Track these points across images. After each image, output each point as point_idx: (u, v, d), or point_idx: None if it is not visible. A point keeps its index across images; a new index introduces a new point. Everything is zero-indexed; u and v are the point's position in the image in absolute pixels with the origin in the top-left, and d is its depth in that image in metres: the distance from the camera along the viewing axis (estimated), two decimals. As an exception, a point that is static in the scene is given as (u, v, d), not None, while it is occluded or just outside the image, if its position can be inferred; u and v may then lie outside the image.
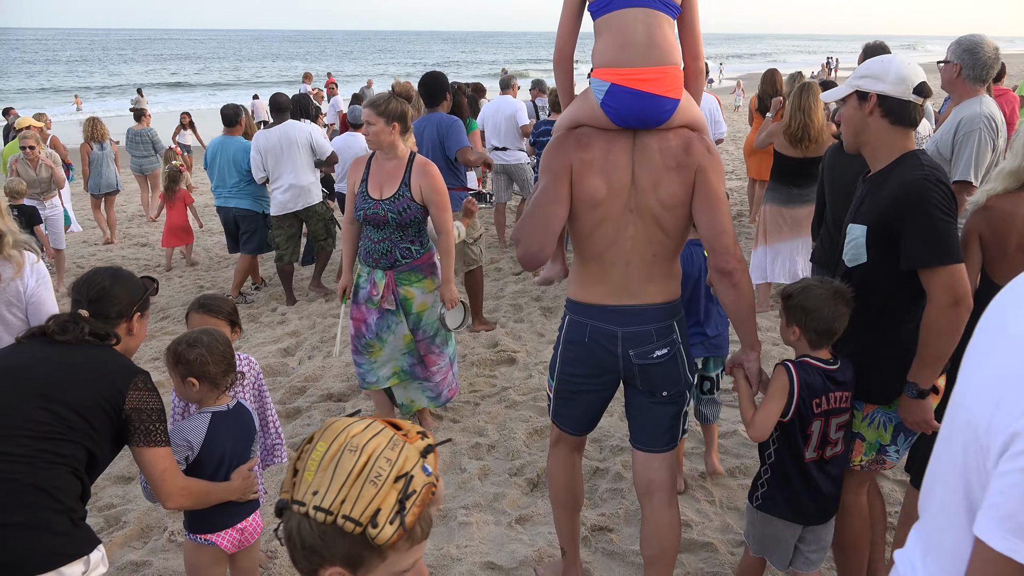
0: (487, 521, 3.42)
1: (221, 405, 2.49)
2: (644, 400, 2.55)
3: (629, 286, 2.44)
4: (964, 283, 2.19)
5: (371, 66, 70.82)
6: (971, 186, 3.79)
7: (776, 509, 2.51)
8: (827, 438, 2.42)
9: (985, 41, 3.77)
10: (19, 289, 2.66)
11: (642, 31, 2.26)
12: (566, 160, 2.38)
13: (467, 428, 4.34)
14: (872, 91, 2.35)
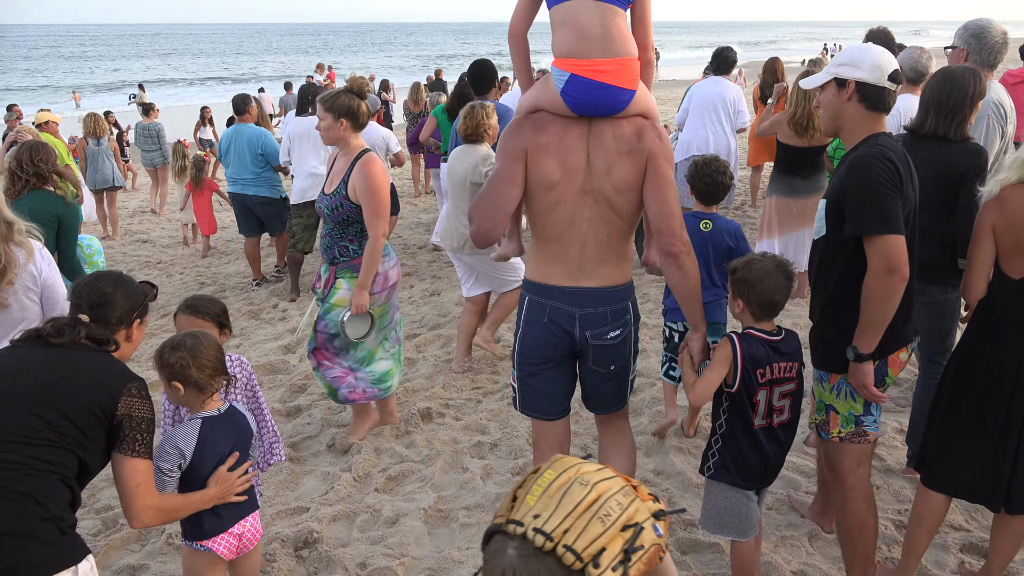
0: (489, 521, 3.36)
1: (211, 410, 2.43)
2: (594, 377, 2.70)
3: (585, 267, 2.55)
4: (899, 253, 2.29)
5: (371, 59, 70.63)
6: None
7: (728, 476, 2.59)
8: (772, 406, 2.53)
9: (992, 25, 3.68)
10: (34, 272, 2.85)
11: (598, 24, 2.37)
12: (522, 143, 2.49)
13: (469, 426, 4.29)
14: (851, 78, 2.47)
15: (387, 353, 4.13)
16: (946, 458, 2.69)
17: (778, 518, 3.34)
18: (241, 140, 7.05)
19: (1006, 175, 2.40)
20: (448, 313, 6.25)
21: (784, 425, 2.60)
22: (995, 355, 2.54)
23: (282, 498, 3.70)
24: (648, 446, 3.93)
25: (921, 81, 4.68)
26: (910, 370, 4.71)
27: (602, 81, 2.36)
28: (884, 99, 2.47)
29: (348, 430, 4.20)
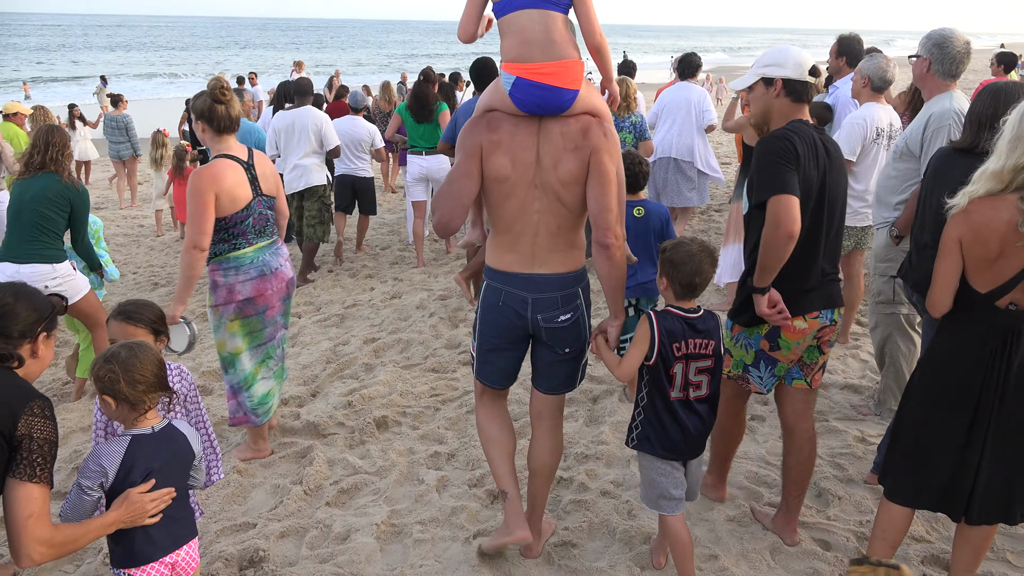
0: (444, 537, 3.26)
1: (145, 427, 2.28)
2: (548, 355, 2.88)
3: (537, 255, 2.74)
4: (784, 211, 2.62)
5: (339, 55, 69.98)
6: None
7: (649, 447, 2.77)
8: (688, 380, 2.71)
9: (955, 35, 3.66)
10: None
11: (540, 30, 2.55)
12: (477, 140, 2.68)
13: (426, 436, 4.17)
14: (777, 76, 2.83)
15: (269, 372, 3.96)
16: (910, 471, 2.64)
17: (740, 530, 3.28)
18: None
19: (974, 187, 2.35)
20: (409, 317, 6.13)
21: (702, 400, 2.76)
22: (960, 369, 2.50)
23: (228, 513, 3.55)
24: (608, 456, 3.85)
25: (886, 89, 4.67)
26: (871, 377, 4.70)
27: (545, 83, 2.54)
28: (806, 92, 2.84)
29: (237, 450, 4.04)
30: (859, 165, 4.69)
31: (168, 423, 2.35)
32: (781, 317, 2.79)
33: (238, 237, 3.70)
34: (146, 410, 2.28)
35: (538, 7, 2.56)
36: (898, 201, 3.85)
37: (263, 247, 3.79)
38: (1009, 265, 2.33)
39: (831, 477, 3.62)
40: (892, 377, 4.08)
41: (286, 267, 3.90)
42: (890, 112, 4.72)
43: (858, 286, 5.16)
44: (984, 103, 2.94)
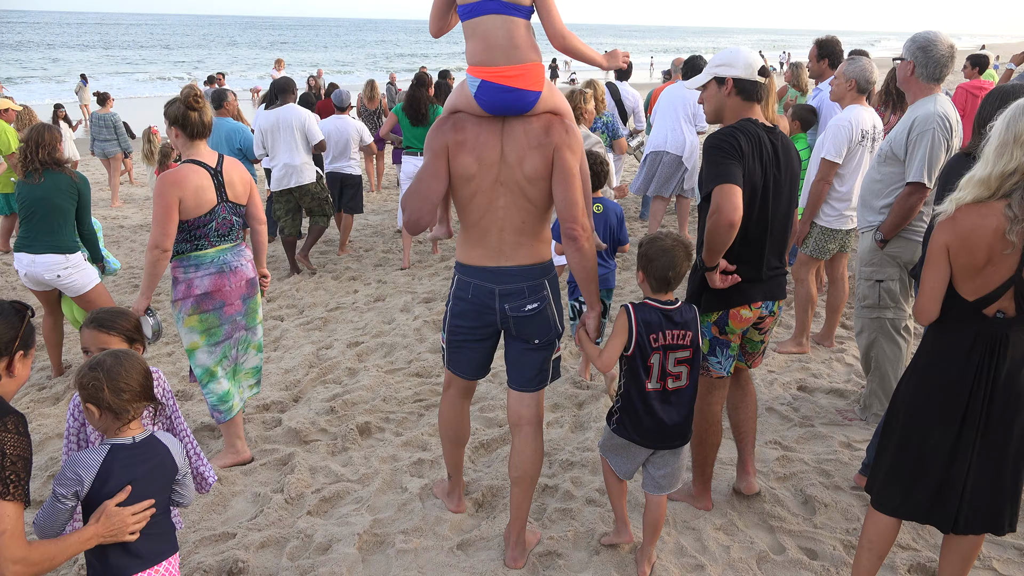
0: (427, 547, 3.20)
1: (125, 437, 2.22)
2: (519, 347, 2.96)
3: (503, 249, 2.85)
4: (725, 199, 2.79)
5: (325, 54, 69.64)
6: (924, 188, 3.68)
7: (626, 433, 2.91)
8: (666, 371, 2.80)
9: (939, 39, 3.65)
10: None
11: (503, 36, 2.64)
12: (443, 140, 2.78)
13: (410, 442, 4.11)
14: (728, 76, 3.02)
15: (225, 372, 3.94)
16: (898, 481, 2.62)
17: (727, 539, 3.25)
18: (219, 134, 7.21)
19: (961, 194, 2.32)
20: (393, 320, 6.07)
21: (681, 390, 2.86)
22: (947, 378, 2.47)
23: (208, 522, 3.48)
24: (594, 463, 3.82)
25: (868, 91, 4.67)
26: (856, 381, 4.69)
27: (509, 85, 2.66)
28: (756, 91, 3.02)
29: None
30: (844, 167, 4.69)
31: (150, 434, 2.28)
32: (732, 280, 2.99)
33: (200, 239, 3.79)
34: (130, 419, 2.22)
35: (501, 13, 2.64)
36: (883, 205, 3.84)
37: (225, 248, 3.87)
38: (997, 273, 2.31)
39: (817, 484, 3.60)
40: (877, 382, 4.07)
41: (247, 267, 3.94)
42: (873, 114, 4.72)
43: (842, 289, 5.15)
44: (992, 106, 2.93)
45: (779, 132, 3.15)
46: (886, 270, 3.87)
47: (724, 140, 2.90)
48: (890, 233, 3.78)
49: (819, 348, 5.23)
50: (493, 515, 3.41)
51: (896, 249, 3.83)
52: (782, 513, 3.41)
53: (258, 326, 4.09)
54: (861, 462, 3.71)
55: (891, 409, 2.68)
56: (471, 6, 2.66)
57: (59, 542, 2.07)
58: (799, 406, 4.41)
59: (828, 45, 5.85)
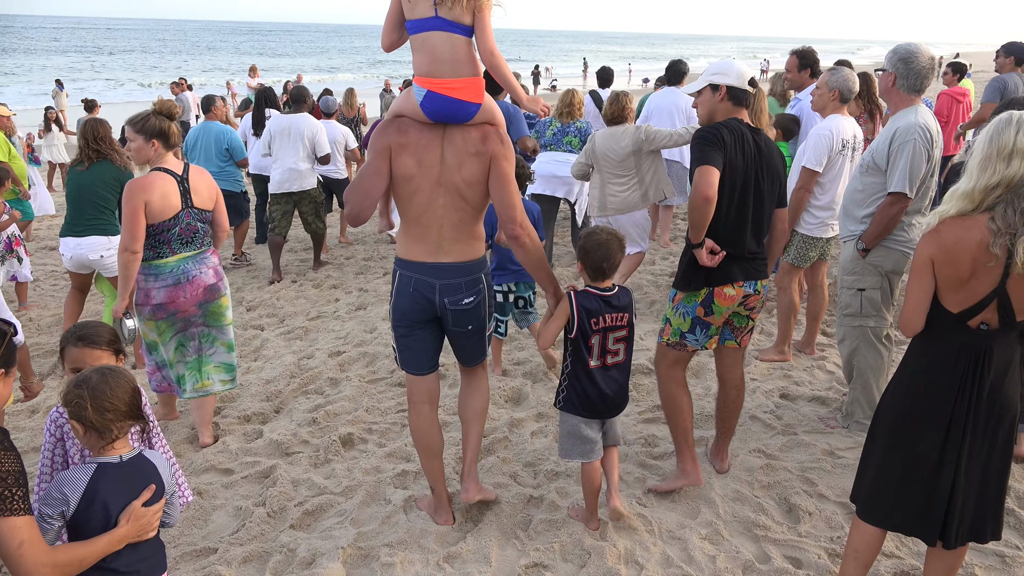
0: (412, 560, 3.17)
1: (112, 456, 2.18)
2: (456, 333, 3.25)
3: (442, 246, 3.07)
4: (702, 177, 3.15)
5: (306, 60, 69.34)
6: (906, 198, 3.72)
7: (573, 408, 3.19)
8: (606, 349, 3.14)
9: (920, 50, 3.69)
10: None
11: (448, 51, 2.87)
12: (387, 141, 2.99)
13: (393, 453, 4.08)
14: (722, 84, 3.39)
15: (184, 359, 4.25)
16: (883, 491, 2.63)
17: (712, 549, 3.25)
18: (208, 136, 7.58)
19: (945, 207, 2.34)
20: (375, 328, 6.03)
21: (619, 365, 3.20)
22: (932, 390, 2.49)
23: (188, 537, 3.43)
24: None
25: (849, 100, 4.71)
26: (838, 389, 4.72)
27: (453, 96, 2.88)
28: (746, 98, 3.42)
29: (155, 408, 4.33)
30: (825, 176, 4.72)
31: (139, 453, 2.24)
32: (719, 258, 3.31)
33: (163, 245, 4.01)
34: (115, 439, 2.18)
35: (445, 30, 2.86)
36: (864, 214, 3.88)
37: (187, 256, 4.09)
38: (981, 285, 2.33)
39: (801, 492, 3.61)
40: (860, 389, 4.10)
41: (206, 275, 4.15)
42: (854, 124, 4.76)
43: (822, 296, 5.19)
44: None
45: (763, 133, 3.46)
46: (868, 279, 3.90)
47: (709, 132, 3.27)
48: (872, 242, 3.81)
49: (800, 356, 5.26)
50: (479, 527, 3.39)
51: (878, 258, 3.86)
52: (767, 522, 3.42)
53: (226, 327, 4.29)
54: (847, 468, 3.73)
55: (876, 419, 2.69)
56: (419, 22, 2.88)
57: (88, 544, 2.06)
58: (782, 414, 4.43)
59: (809, 55, 5.89)
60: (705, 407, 4.47)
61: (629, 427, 4.28)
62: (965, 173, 2.33)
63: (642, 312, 6.20)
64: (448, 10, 2.84)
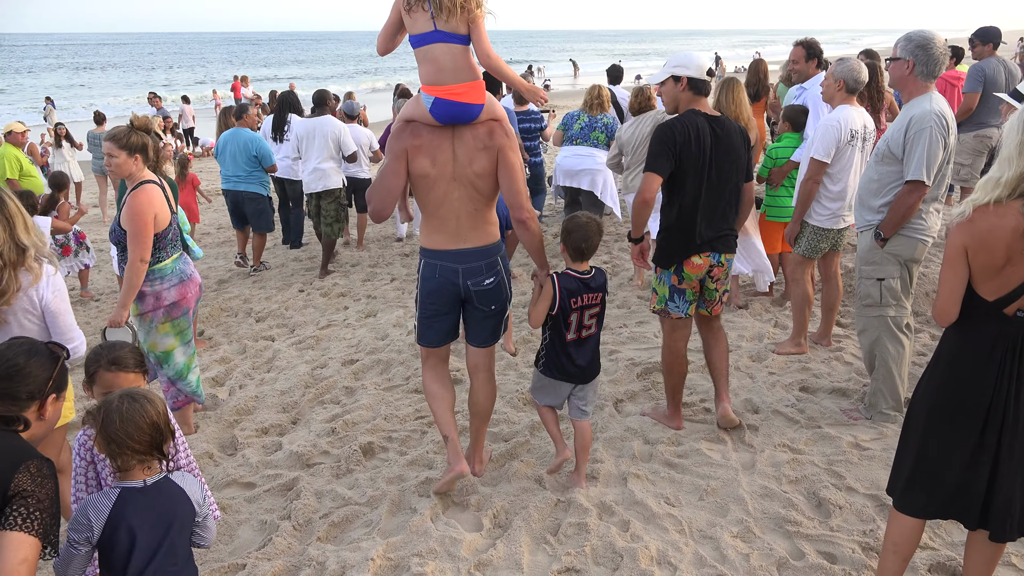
0: (444, 570, 3.14)
1: (136, 481, 2.15)
2: (478, 314, 3.53)
3: (461, 234, 3.37)
4: (645, 184, 3.69)
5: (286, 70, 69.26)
6: (923, 185, 3.69)
7: (551, 373, 3.58)
8: (582, 324, 3.49)
9: (936, 37, 3.67)
10: (34, 298, 2.94)
11: (450, 60, 3.16)
12: (403, 145, 3.28)
13: (415, 461, 4.05)
14: (683, 75, 3.76)
15: (195, 361, 4.53)
16: (920, 482, 2.60)
17: (745, 547, 3.22)
18: (237, 142, 7.85)
19: (977, 196, 2.32)
20: (387, 336, 5.99)
21: (592, 336, 3.56)
22: (967, 377, 2.46)
23: (215, 553, 3.40)
24: (605, 475, 3.78)
25: (858, 91, 4.68)
26: (858, 379, 4.70)
27: (458, 100, 3.17)
28: (705, 87, 3.78)
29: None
30: (834, 167, 4.67)
31: (164, 477, 2.21)
32: (643, 262, 4.10)
33: (161, 251, 4.22)
34: (131, 468, 2.15)
35: (446, 42, 3.14)
36: (881, 204, 3.85)
37: (176, 258, 4.33)
38: (1016, 272, 2.30)
39: (830, 486, 3.58)
40: (882, 379, 4.07)
41: (195, 272, 4.49)
42: (864, 114, 4.72)
43: (836, 287, 5.16)
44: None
45: (723, 119, 3.81)
46: (887, 268, 3.88)
47: (664, 133, 3.69)
48: (890, 231, 3.78)
49: (817, 348, 5.23)
50: (508, 532, 3.36)
51: (896, 247, 3.83)
52: (797, 517, 3.39)
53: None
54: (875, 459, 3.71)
55: (911, 410, 2.66)
56: (421, 36, 3.16)
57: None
58: (804, 407, 4.40)
59: (814, 46, 5.93)
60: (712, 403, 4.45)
61: (653, 425, 4.25)
62: (997, 161, 2.30)
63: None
64: (445, 23, 3.12)
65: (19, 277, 2.84)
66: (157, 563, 2.12)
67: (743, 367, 4.98)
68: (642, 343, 5.48)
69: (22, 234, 2.82)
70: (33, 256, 2.88)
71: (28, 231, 2.85)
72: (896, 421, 4.14)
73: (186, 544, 2.24)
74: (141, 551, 2.10)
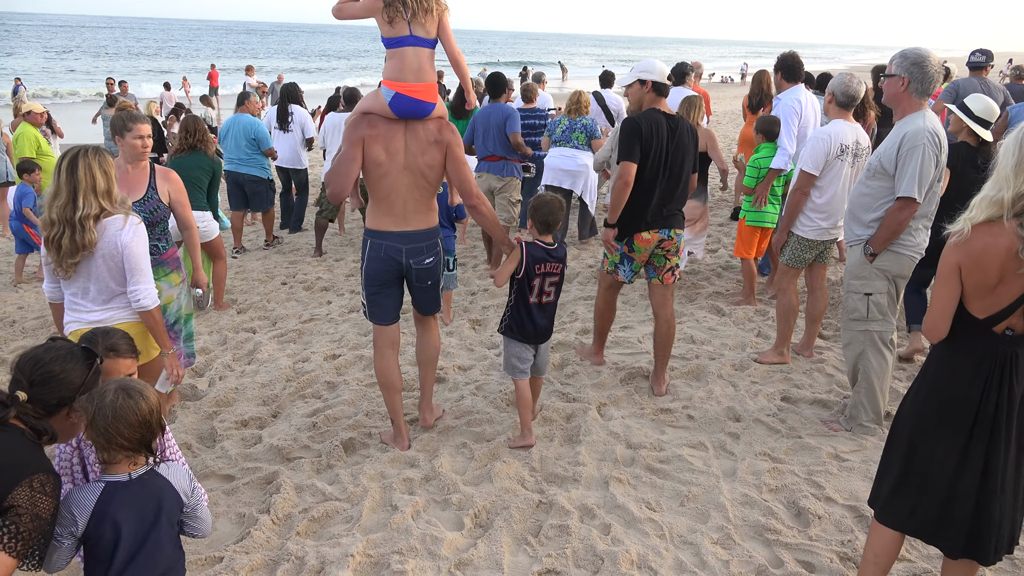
0: (424, 568, 3.13)
1: (120, 474, 2.12)
2: (417, 288, 3.98)
3: (407, 217, 3.77)
4: (624, 170, 4.37)
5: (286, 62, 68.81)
6: (914, 202, 3.73)
7: (513, 333, 4.02)
8: (543, 290, 3.96)
9: (931, 55, 3.71)
10: (116, 243, 3.25)
11: (415, 61, 3.58)
12: (360, 134, 3.65)
13: (397, 459, 4.02)
14: (648, 79, 4.46)
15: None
16: (903, 495, 2.63)
17: (724, 554, 3.24)
18: (239, 127, 8.31)
19: (973, 214, 2.34)
20: (369, 332, 5.94)
21: (550, 304, 4.03)
22: (955, 393, 2.49)
23: (192, 545, 3.35)
24: (587, 478, 3.78)
25: (852, 106, 4.72)
26: (838, 391, 4.74)
27: (416, 97, 3.58)
28: (665, 89, 4.50)
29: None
30: (822, 179, 4.72)
31: (150, 469, 2.18)
32: (612, 246, 4.64)
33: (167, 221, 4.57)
34: (117, 461, 2.13)
35: (416, 46, 3.57)
36: (872, 219, 3.88)
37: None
38: (1008, 291, 2.32)
39: (809, 496, 3.61)
40: (864, 393, 4.11)
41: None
42: (858, 130, 4.77)
43: (822, 299, 5.20)
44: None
45: (678, 118, 4.50)
46: (875, 283, 3.91)
47: (631, 126, 4.35)
48: (880, 247, 3.82)
49: (799, 358, 5.27)
50: (489, 532, 3.35)
51: (885, 263, 3.87)
52: (777, 526, 3.41)
53: None
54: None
55: (896, 422, 2.69)
56: (396, 39, 3.57)
57: None
58: (785, 417, 4.43)
59: (785, 59, 6.35)
60: (709, 410, 4.47)
61: (636, 430, 4.26)
62: (992, 180, 2.33)
63: (636, 305, 6.19)
64: (420, 27, 3.55)
65: (102, 225, 3.21)
66: (143, 556, 2.10)
67: (725, 375, 5.00)
68: (626, 347, 5.49)
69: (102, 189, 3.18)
70: (120, 201, 3.29)
71: (110, 185, 3.22)
72: (876, 434, 4.18)
73: (173, 536, 2.21)
74: (126, 544, 2.07)
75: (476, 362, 5.28)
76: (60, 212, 3.12)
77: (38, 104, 9.46)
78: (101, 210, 3.17)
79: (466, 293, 6.84)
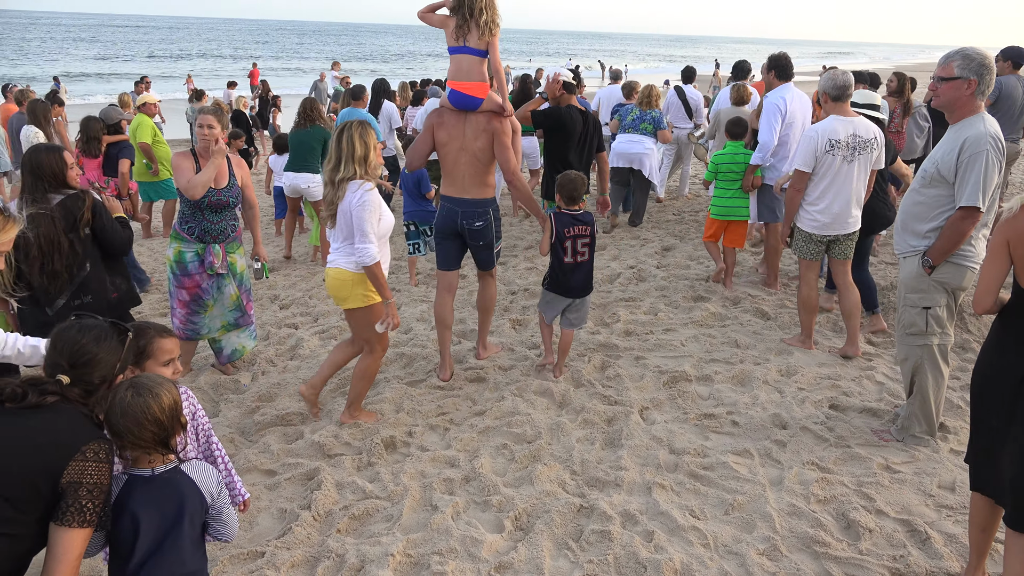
0: (464, 570, 3.10)
1: (144, 469, 2.12)
2: (472, 246, 4.86)
3: (464, 187, 4.70)
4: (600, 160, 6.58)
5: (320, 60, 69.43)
6: (978, 211, 3.58)
7: (554, 288, 4.82)
8: (576, 250, 4.70)
9: (989, 54, 3.59)
10: (351, 201, 3.89)
11: (467, 66, 4.46)
12: (431, 122, 4.69)
13: (437, 458, 4.01)
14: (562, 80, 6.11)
15: None
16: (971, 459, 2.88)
17: (771, 565, 3.16)
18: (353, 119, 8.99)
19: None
20: (411, 330, 5.96)
21: (585, 262, 4.75)
22: (999, 367, 2.69)
23: (235, 539, 3.37)
24: (629, 483, 3.72)
25: (846, 97, 4.83)
26: (888, 400, 4.61)
27: (467, 93, 4.48)
28: (572, 88, 6.34)
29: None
30: (816, 175, 4.96)
31: (174, 467, 2.17)
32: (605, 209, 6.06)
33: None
34: (135, 457, 2.14)
35: (469, 55, 4.44)
36: (928, 229, 3.74)
37: None
38: None
39: (859, 508, 3.51)
40: (919, 404, 3.99)
41: None
42: (852, 123, 4.89)
43: (852, 295, 5.25)
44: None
45: (585, 111, 6.41)
46: (933, 296, 3.77)
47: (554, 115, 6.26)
48: (939, 258, 3.67)
49: (848, 365, 5.15)
50: (529, 536, 3.32)
51: (945, 275, 3.73)
52: (825, 538, 3.32)
53: None
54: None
55: (970, 396, 2.92)
56: (455, 48, 4.46)
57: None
58: (833, 425, 4.32)
59: (773, 59, 6.56)
60: (755, 416, 4.38)
61: (679, 435, 4.19)
62: None
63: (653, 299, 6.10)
64: (473, 41, 4.42)
65: (344, 188, 3.90)
66: (161, 553, 2.08)
67: (771, 381, 4.90)
68: (669, 351, 5.41)
69: (359, 155, 3.90)
70: (373, 167, 3.97)
71: (367, 152, 3.91)
72: (928, 445, 4.06)
73: (195, 537, 2.19)
74: (144, 540, 2.07)
75: (517, 363, 5.25)
76: (330, 174, 3.91)
77: (153, 95, 10.47)
78: (355, 174, 3.87)
79: (506, 293, 6.81)
